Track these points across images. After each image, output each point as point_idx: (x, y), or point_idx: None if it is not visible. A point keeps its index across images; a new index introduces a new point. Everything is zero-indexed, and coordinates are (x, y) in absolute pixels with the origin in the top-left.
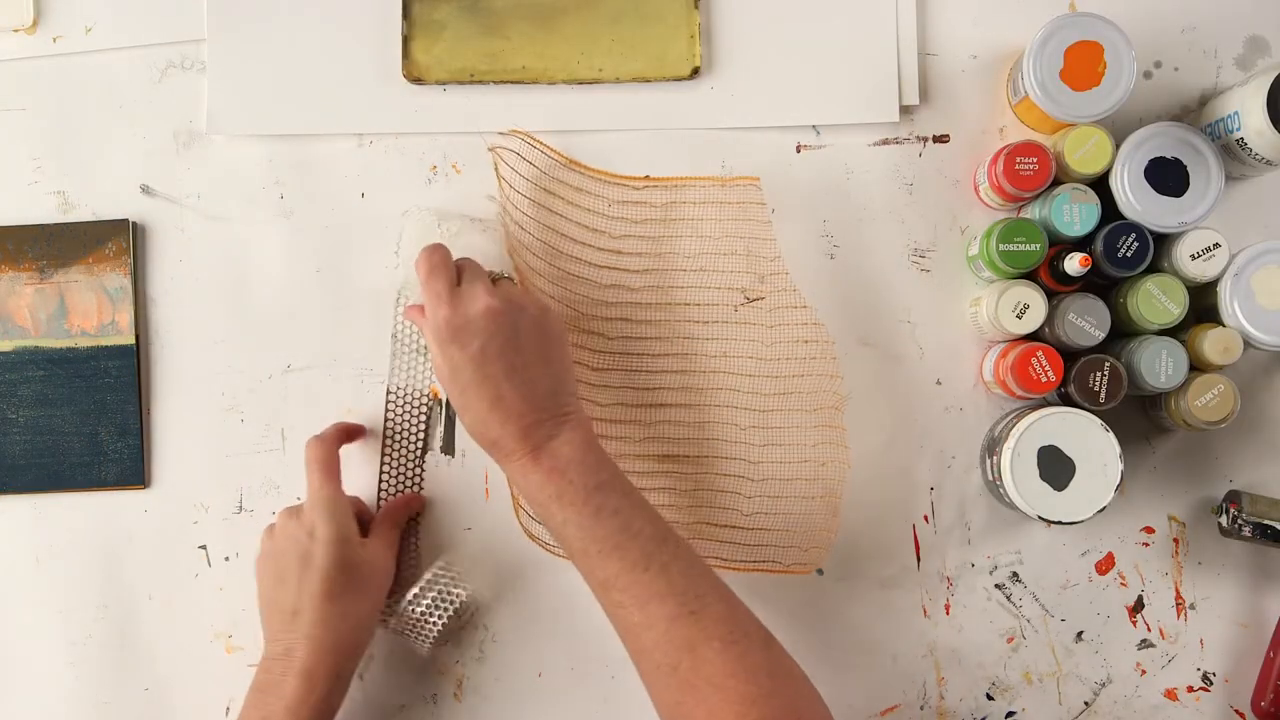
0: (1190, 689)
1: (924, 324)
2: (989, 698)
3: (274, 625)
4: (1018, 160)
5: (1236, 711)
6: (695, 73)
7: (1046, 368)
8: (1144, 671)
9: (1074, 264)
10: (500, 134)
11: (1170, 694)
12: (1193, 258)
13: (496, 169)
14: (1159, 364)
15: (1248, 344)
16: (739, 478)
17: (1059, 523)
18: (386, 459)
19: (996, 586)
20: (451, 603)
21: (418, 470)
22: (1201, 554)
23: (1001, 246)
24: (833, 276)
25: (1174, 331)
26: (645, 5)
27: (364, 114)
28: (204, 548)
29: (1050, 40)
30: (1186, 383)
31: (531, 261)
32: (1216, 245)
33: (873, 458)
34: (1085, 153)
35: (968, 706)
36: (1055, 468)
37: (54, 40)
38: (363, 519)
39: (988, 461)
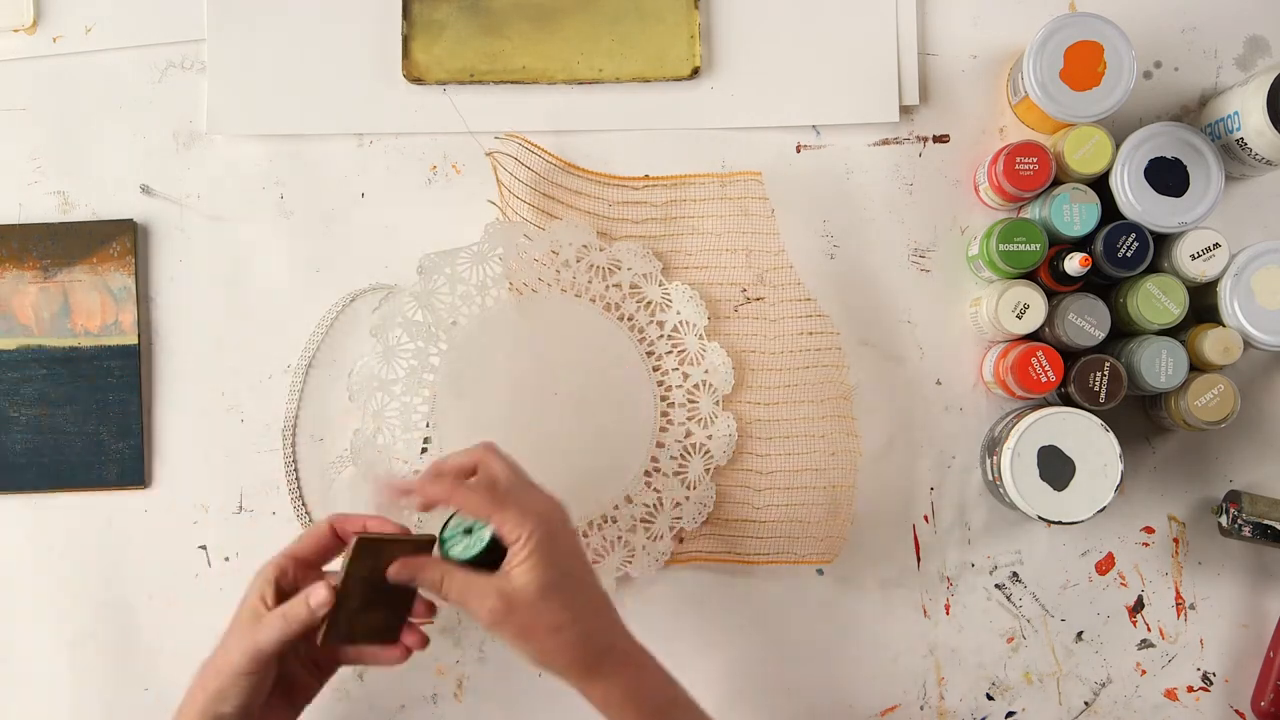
0: (1190, 689)
1: (924, 324)
2: (989, 698)
3: None
4: (1018, 160)
5: (1236, 711)
6: (695, 73)
7: (1046, 368)
8: (1144, 671)
9: (1074, 264)
10: (497, 138)
11: (1170, 694)
12: (1193, 258)
13: (496, 173)
14: (1159, 364)
15: (1248, 344)
16: (748, 471)
17: (1059, 523)
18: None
19: (996, 586)
20: None
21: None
22: (1201, 554)
23: (1001, 246)
24: (833, 276)
25: (1174, 331)
26: (645, 5)
27: (364, 114)
28: (204, 548)
29: (1050, 40)
30: (1186, 383)
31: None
32: (1216, 245)
33: (873, 457)
34: (1085, 153)
35: (968, 706)
36: (1055, 468)
37: (54, 40)
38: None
39: (988, 461)
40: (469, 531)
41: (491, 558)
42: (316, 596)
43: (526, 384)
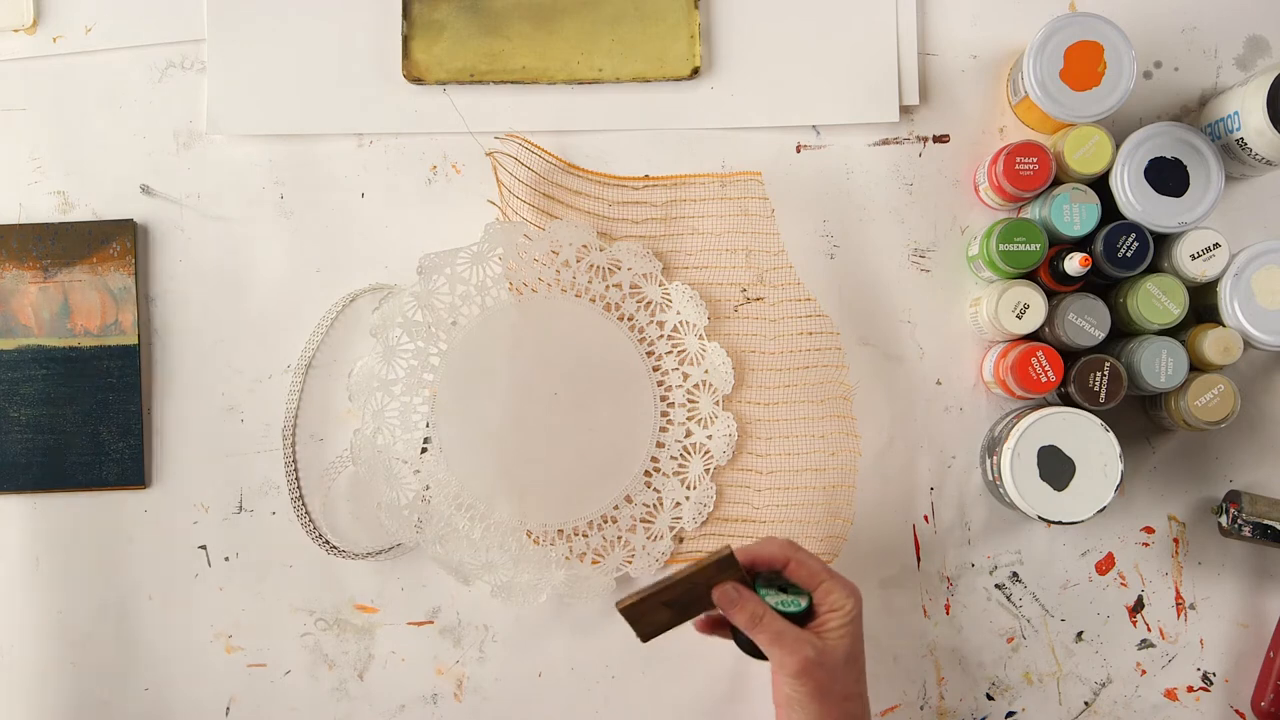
0: (1190, 689)
1: (924, 324)
2: (989, 698)
3: None
4: (1018, 160)
5: (1236, 711)
6: (695, 73)
7: (1046, 368)
8: (1144, 671)
9: (1074, 264)
10: (497, 138)
11: (1170, 694)
12: (1193, 258)
13: (496, 173)
14: (1159, 364)
15: (1248, 344)
16: (748, 471)
17: (1059, 523)
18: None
19: (996, 586)
20: None
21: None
22: (1201, 554)
23: (1001, 246)
24: (833, 276)
25: (1174, 331)
26: (645, 5)
27: (364, 114)
28: (204, 548)
29: (1050, 40)
30: (1186, 383)
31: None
32: (1216, 245)
33: (873, 458)
34: (1085, 153)
35: (968, 706)
36: (1055, 468)
37: (54, 40)
38: None
39: (988, 461)
40: (783, 590)
41: (797, 619)
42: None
43: (526, 384)
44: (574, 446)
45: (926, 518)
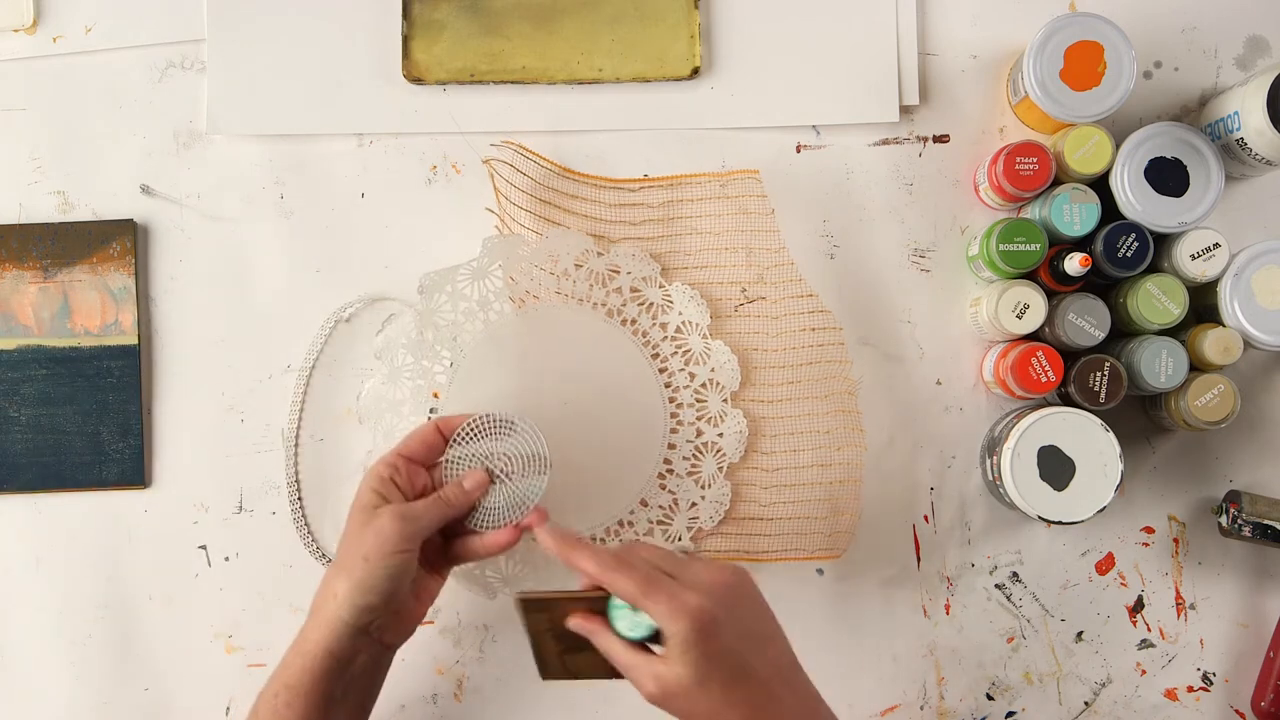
0: (1190, 689)
1: (924, 324)
2: (989, 698)
3: None
4: (1018, 160)
5: (1236, 711)
6: (695, 73)
7: (1046, 368)
8: (1144, 671)
9: (1074, 264)
10: (493, 145)
11: (1170, 694)
12: (1193, 258)
13: (493, 181)
14: (1159, 364)
15: (1248, 344)
16: (755, 469)
17: (1059, 523)
18: None
19: (996, 586)
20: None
21: None
22: (1201, 554)
23: (1001, 246)
24: (833, 276)
25: (1174, 331)
26: (645, 5)
27: (364, 114)
28: (204, 548)
29: (1050, 40)
30: (1186, 383)
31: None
32: (1216, 245)
33: (873, 458)
34: (1085, 153)
35: (968, 706)
36: (1055, 468)
37: (54, 40)
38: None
39: (988, 461)
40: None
41: (658, 636)
42: (472, 480)
43: (535, 395)
44: (586, 454)
45: (926, 518)
